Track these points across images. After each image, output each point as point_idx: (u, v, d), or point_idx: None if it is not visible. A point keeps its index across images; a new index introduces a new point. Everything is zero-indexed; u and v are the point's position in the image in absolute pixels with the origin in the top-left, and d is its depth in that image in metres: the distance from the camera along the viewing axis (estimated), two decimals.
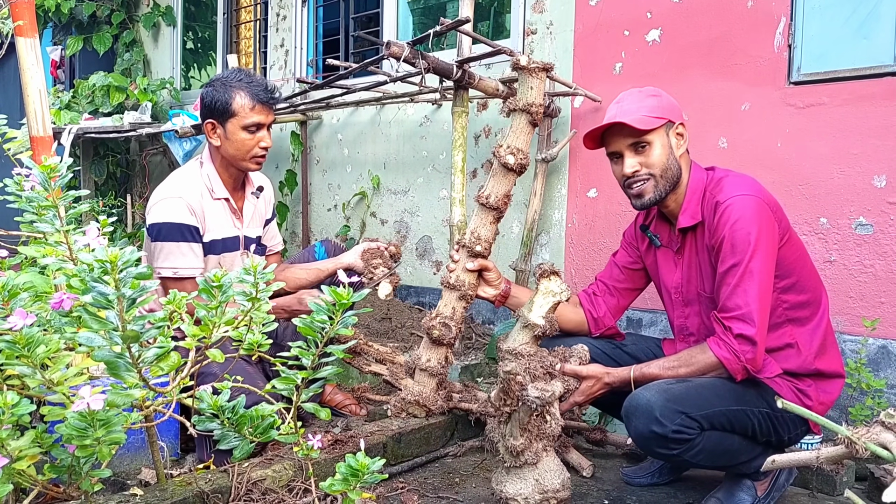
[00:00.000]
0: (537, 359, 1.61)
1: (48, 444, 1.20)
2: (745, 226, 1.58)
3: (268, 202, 2.28)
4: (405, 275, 3.68)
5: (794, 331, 1.68)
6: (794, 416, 1.64)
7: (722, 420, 1.58)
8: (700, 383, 1.61)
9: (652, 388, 1.59)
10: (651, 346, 1.94)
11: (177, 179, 2.05)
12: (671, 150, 1.71)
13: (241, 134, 2.00)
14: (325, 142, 4.13)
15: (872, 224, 2.23)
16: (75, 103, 4.92)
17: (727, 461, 1.66)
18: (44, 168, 1.41)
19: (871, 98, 2.23)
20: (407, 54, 2.23)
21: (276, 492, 1.61)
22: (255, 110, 2.00)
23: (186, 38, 5.44)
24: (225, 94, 1.99)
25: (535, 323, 1.64)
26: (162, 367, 1.21)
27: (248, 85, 2.00)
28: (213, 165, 2.08)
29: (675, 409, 1.53)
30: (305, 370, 1.30)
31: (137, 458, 1.83)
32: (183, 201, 1.96)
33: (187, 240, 1.95)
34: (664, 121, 1.69)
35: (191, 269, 1.95)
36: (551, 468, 1.59)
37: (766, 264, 1.58)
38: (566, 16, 3.00)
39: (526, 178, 3.14)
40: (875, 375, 2.17)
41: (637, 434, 1.59)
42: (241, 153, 2.02)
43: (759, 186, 1.68)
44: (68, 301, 1.23)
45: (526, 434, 1.55)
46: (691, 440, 1.55)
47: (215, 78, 2.06)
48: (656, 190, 1.71)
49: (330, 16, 4.33)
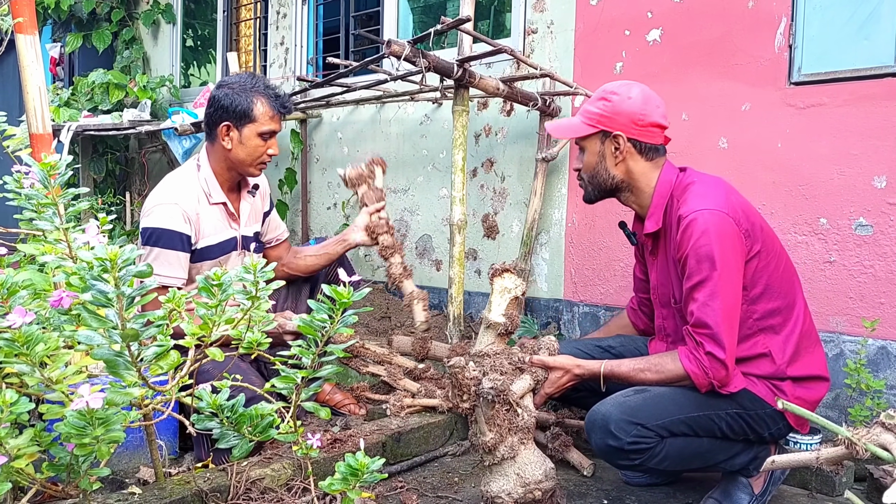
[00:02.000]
0: (504, 356, 1.63)
1: (47, 442, 1.20)
2: (707, 242, 1.56)
3: (264, 196, 2.28)
4: None
5: (767, 340, 1.66)
6: (770, 413, 1.64)
7: (682, 427, 1.58)
8: (658, 392, 1.62)
9: (609, 402, 1.60)
10: (639, 346, 1.93)
11: (174, 183, 2.04)
12: (602, 159, 1.73)
13: (256, 140, 2.02)
14: (325, 140, 4.13)
15: (872, 225, 2.23)
16: (75, 100, 4.92)
17: (702, 463, 1.66)
18: (43, 165, 1.40)
19: (871, 98, 2.23)
20: (407, 53, 2.23)
21: (274, 491, 1.61)
22: (273, 119, 2.03)
23: (186, 36, 5.43)
24: (246, 99, 2.00)
25: (495, 322, 1.67)
26: (161, 365, 1.20)
27: (267, 92, 2.03)
28: (212, 168, 2.07)
29: (629, 421, 1.54)
30: (305, 369, 1.30)
31: (136, 456, 1.83)
32: (178, 208, 1.96)
33: (176, 248, 1.96)
34: (596, 130, 1.72)
35: (172, 278, 1.96)
36: (531, 460, 1.60)
37: (731, 281, 1.56)
38: (567, 15, 3.00)
39: (526, 177, 3.15)
40: (874, 376, 2.17)
41: (596, 448, 1.60)
42: (250, 158, 2.04)
43: (725, 196, 1.63)
44: (67, 299, 1.22)
45: (495, 429, 1.56)
46: (650, 449, 1.55)
47: (231, 81, 2.05)
48: (586, 192, 1.83)
49: (330, 14, 4.33)
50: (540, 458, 1.62)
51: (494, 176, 3.29)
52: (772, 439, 1.72)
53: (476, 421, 1.60)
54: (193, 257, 2.03)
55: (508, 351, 1.66)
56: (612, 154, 1.72)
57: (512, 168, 3.22)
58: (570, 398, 1.92)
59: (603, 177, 1.76)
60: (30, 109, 2.04)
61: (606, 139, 1.72)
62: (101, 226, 1.27)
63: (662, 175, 1.73)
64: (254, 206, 2.21)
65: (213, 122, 2.03)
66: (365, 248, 3.91)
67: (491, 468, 1.60)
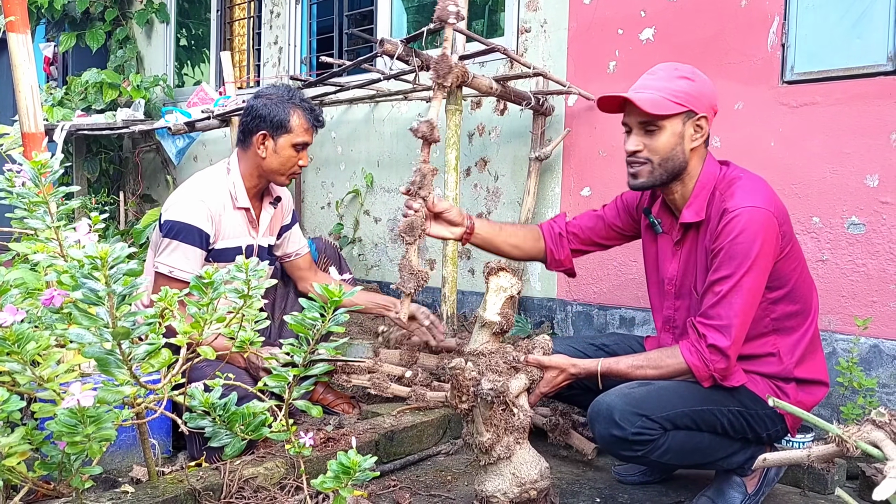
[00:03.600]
0: (499, 355, 1.63)
1: (38, 440, 1.20)
2: (747, 239, 1.55)
3: (287, 211, 2.30)
4: (395, 273, 3.67)
5: (779, 340, 1.67)
6: (770, 413, 1.65)
7: (685, 420, 1.58)
8: (662, 385, 1.62)
9: (613, 393, 1.59)
10: (633, 344, 1.92)
11: (203, 182, 2.07)
12: (681, 141, 1.64)
13: (290, 150, 2.06)
14: (319, 139, 4.12)
15: (865, 223, 2.24)
16: (68, 100, 4.90)
17: (702, 458, 1.66)
18: (34, 164, 1.40)
19: (863, 97, 2.24)
20: (401, 52, 2.23)
21: (267, 489, 1.61)
22: (307, 131, 2.08)
23: (180, 35, 5.42)
24: (283, 110, 2.04)
25: (491, 321, 1.66)
26: (153, 363, 1.20)
27: (303, 105, 2.08)
28: (241, 174, 2.10)
29: (634, 413, 1.54)
30: (297, 367, 1.30)
31: (129, 455, 1.82)
32: (205, 205, 1.99)
33: (195, 244, 1.97)
34: (684, 109, 1.62)
35: (186, 272, 1.95)
36: (527, 460, 1.60)
37: (757, 281, 1.57)
38: (560, 14, 3.00)
39: (519, 176, 3.15)
40: (866, 374, 2.19)
41: (600, 438, 1.60)
42: (282, 168, 2.07)
43: (772, 195, 1.63)
44: (59, 297, 1.22)
45: (492, 429, 1.56)
46: (654, 440, 1.55)
47: (269, 92, 2.10)
48: (651, 176, 1.66)
49: (324, 13, 4.32)
50: (535, 457, 1.63)
51: (488, 175, 3.29)
52: (769, 440, 1.73)
53: (473, 421, 1.60)
54: (208, 257, 2.04)
55: (503, 350, 1.66)
56: (692, 137, 1.65)
57: (505, 167, 3.22)
58: (563, 396, 1.92)
59: (679, 160, 1.64)
60: (22, 108, 2.03)
61: (689, 120, 1.64)
62: (93, 225, 1.27)
63: (707, 166, 1.69)
64: (274, 217, 2.23)
65: (250, 130, 2.06)
66: (359, 247, 3.92)
67: (486, 468, 1.60)
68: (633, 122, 1.65)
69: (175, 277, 1.93)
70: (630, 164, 1.68)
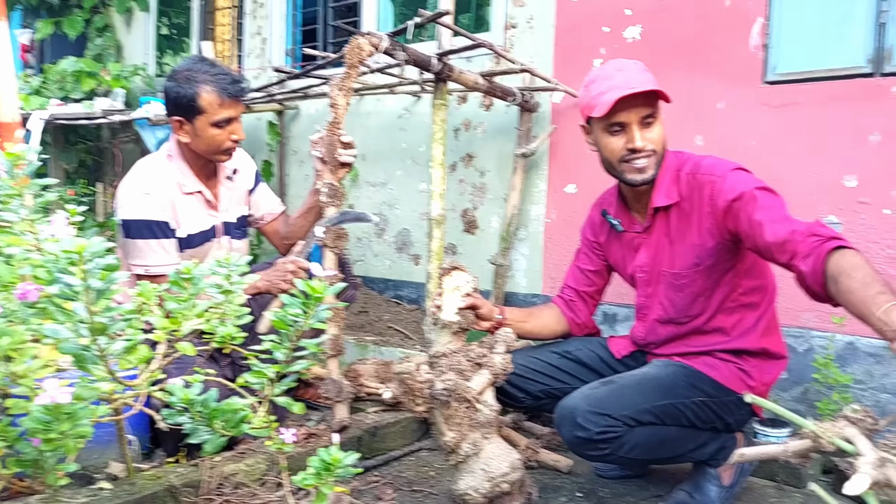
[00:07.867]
0: (462, 353, 1.63)
1: (12, 437, 1.17)
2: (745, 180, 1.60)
3: (246, 177, 2.21)
4: (383, 268, 3.66)
5: (746, 315, 1.71)
6: (734, 399, 1.67)
7: (648, 416, 1.59)
8: (625, 383, 1.63)
9: (575, 396, 1.60)
10: (595, 347, 1.91)
11: (144, 173, 1.99)
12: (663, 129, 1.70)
13: (211, 130, 1.92)
14: (303, 132, 4.08)
15: (843, 223, 2.27)
16: (45, 88, 4.80)
17: (671, 452, 1.68)
18: (9, 155, 1.37)
19: (844, 99, 2.26)
20: (386, 45, 2.21)
21: (248, 485, 1.59)
22: (223, 105, 1.90)
23: (160, 24, 5.33)
24: (190, 90, 1.88)
25: (450, 321, 1.66)
26: (130, 359, 1.18)
27: (213, 78, 1.89)
28: (183, 159, 2.02)
29: (596, 412, 1.55)
30: (278, 364, 1.29)
31: (107, 452, 1.79)
32: (150, 197, 1.92)
33: (157, 236, 1.92)
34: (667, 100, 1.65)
35: (161, 266, 1.92)
36: (496, 454, 1.60)
37: None
38: (547, 10, 3.00)
39: (505, 172, 3.15)
40: (842, 371, 2.22)
41: (567, 441, 1.61)
42: (212, 148, 1.96)
43: None
44: (34, 292, 1.19)
45: (455, 428, 1.56)
46: (619, 438, 1.56)
47: (177, 69, 1.94)
48: (655, 167, 1.68)
49: (308, 4, 4.28)
50: (505, 450, 1.62)
51: (474, 171, 3.28)
52: (736, 426, 1.75)
53: (435, 422, 1.60)
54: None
55: (466, 349, 1.66)
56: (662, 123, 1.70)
57: (491, 163, 3.22)
58: (535, 406, 1.91)
59: (664, 149, 1.71)
60: None
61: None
62: (70, 217, 1.25)
63: (666, 152, 1.73)
64: (234, 190, 2.15)
65: (168, 116, 1.96)
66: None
67: (458, 466, 1.60)
68: (635, 117, 1.64)
69: (153, 274, 1.90)
70: (634, 160, 1.67)
